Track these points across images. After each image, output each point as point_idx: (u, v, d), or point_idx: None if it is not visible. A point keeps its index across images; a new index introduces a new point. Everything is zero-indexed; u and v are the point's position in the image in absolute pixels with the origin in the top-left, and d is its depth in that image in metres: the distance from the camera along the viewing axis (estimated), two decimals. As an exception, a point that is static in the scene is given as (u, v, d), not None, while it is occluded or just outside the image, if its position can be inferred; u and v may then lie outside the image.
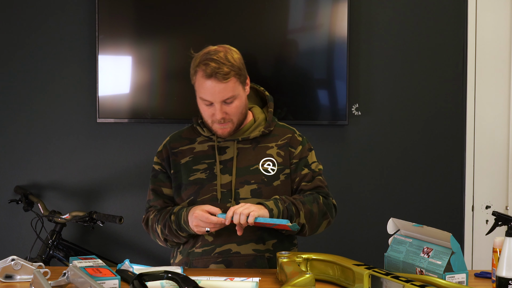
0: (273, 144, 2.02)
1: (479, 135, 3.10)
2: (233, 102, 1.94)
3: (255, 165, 1.99)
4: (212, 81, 1.88)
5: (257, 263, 1.95)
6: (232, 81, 1.91)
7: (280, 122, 2.11)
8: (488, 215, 3.11)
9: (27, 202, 2.87)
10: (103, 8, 2.91)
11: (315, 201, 1.96)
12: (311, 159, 2.06)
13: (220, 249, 1.95)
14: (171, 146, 2.05)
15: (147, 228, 2.06)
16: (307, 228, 1.95)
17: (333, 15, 2.97)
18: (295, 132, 2.09)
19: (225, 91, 1.90)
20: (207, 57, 1.90)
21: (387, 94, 3.08)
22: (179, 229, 1.92)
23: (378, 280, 1.55)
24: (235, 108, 1.95)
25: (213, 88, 1.89)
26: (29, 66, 3.01)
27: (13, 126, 3.03)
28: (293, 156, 2.02)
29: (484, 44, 3.08)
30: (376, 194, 3.10)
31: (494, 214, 1.82)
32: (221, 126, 1.96)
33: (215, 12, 2.95)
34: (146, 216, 2.06)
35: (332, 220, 2.04)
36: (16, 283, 1.68)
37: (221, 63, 1.88)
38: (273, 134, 2.04)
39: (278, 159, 2.00)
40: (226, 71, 1.88)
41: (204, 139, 2.04)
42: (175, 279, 1.50)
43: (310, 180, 2.01)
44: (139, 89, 2.96)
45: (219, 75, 1.87)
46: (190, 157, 2.02)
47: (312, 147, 2.09)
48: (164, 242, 2.03)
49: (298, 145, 2.04)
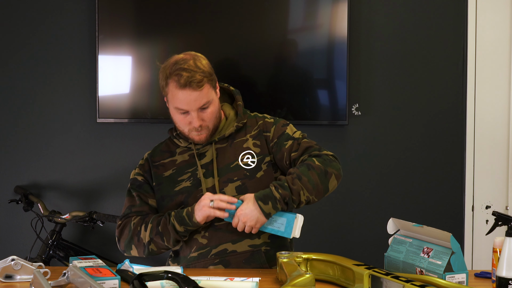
0: (248, 136, 2.03)
1: (479, 135, 3.10)
2: (209, 107, 1.94)
3: (234, 161, 1.99)
4: (187, 91, 1.89)
5: (255, 258, 1.95)
6: (206, 88, 1.92)
7: (252, 113, 2.10)
8: (488, 215, 3.11)
9: (27, 202, 2.87)
10: (103, 8, 2.91)
11: (310, 167, 1.90)
12: (291, 131, 2.04)
13: (215, 250, 1.94)
14: (152, 160, 2.06)
15: (123, 233, 1.98)
16: (315, 197, 1.90)
17: (333, 15, 2.97)
18: (266, 117, 2.08)
19: (200, 98, 1.91)
20: (177, 67, 1.90)
21: (387, 94, 3.08)
22: (179, 221, 1.90)
23: (378, 280, 1.55)
24: (210, 114, 1.95)
25: (188, 97, 1.89)
26: (29, 66, 3.01)
27: (13, 126, 3.03)
28: (270, 139, 2.02)
29: (484, 44, 3.08)
30: (376, 194, 3.10)
31: (494, 214, 1.82)
32: (198, 133, 1.97)
33: (215, 12, 2.95)
34: (124, 222, 2.00)
35: (338, 172, 1.95)
36: (16, 283, 1.68)
37: (193, 71, 1.89)
38: (246, 127, 2.05)
39: (255, 150, 2.00)
40: (199, 79, 1.89)
41: (183, 150, 2.05)
42: (175, 279, 1.50)
43: (297, 148, 1.99)
44: (139, 89, 2.96)
45: (193, 83, 1.88)
46: (173, 169, 2.02)
47: (288, 122, 2.07)
48: (145, 246, 1.95)
49: (271, 127, 2.04)
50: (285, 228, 1.85)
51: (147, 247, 1.95)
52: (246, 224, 1.85)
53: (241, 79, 2.98)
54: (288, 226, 1.85)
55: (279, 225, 1.87)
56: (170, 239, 1.93)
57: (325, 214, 3.09)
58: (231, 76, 2.96)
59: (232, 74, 2.98)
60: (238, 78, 2.97)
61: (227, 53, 2.98)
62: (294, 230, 1.85)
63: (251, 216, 1.85)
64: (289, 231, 1.85)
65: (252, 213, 1.85)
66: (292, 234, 1.85)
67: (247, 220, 1.85)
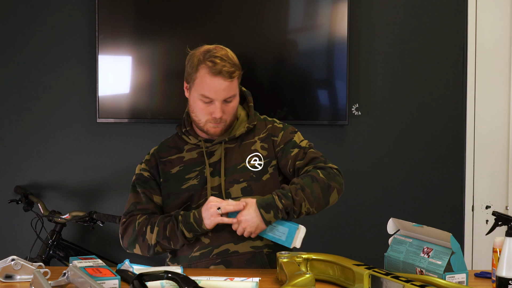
0: (256, 139, 2.02)
1: (479, 135, 3.10)
2: (232, 101, 1.95)
3: (242, 163, 1.99)
4: (219, 79, 1.89)
5: (257, 260, 1.95)
6: (235, 81, 1.93)
7: (261, 116, 2.10)
8: (488, 215, 3.11)
9: (27, 202, 2.87)
10: (103, 8, 2.91)
11: (314, 179, 1.90)
12: (298, 139, 2.04)
13: (217, 250, 1.94)
14: (160, 156, 2.04)
15: (127, 231, 1.97)
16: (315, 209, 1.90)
17: (333, 15, 2.97)
18: (275, 121, 2.08)
19: (229, 90, 1.91)
20: (211, 54, 1.90)
21: (387, 94, 3.09)
22: (188, 228, 1.89)
23: (378, 280, 1.55)
24: (232, 108, 1.96)
25: (219, 85, 1.89)
26: (29, 66, 3.01)
27: (13, 126, 3.03)
28: (277, 144, 2.02)
29: (484, 44, 3.08)
30: (376, 194, 3.10)
31: (494, 214, 1.82)
32: (215, 125, 1.96)
33: (215, 12, 2.95)
34: (129, 220, 1.98)
35: (340, 186, 1.96)
36: (16, 283, 1.68)
37: (226, 62, 1.90)
38: (255, 129, 2.04)
39: (263, 153, 2.00)
40: (232, 70, 1.90)
41: (191, 147, 2.03)
42: (175, 279, 1.50)
43: (303, 157, 1.99)
44: (139, 89, 2.96)
45: (226, 73, 1.88)
46: (180, 167, 2.01)
47: (296, 130, 2.07)
48: (150, 247, 1.95)
49: (279, 132, 2.04)
50: (286, 238, 1.86)
51: (153, 248, 1.95)
52: (246, 229, 1.86)
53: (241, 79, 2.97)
54: (290, 236, 1.86)
55: (281, 234, 1.87)
56: (178, 244, 1.93)
57: (325, 214, 3.08)
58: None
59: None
60: (238, 78, 2.97)
61: (227, 53, 2.97)
62: (295, 240, 1.85)
63: (252, 222, 1.85)
64: (290, 241, 1.86)
65: (252, 220, 1.85)
66: (292, 244, 1.86)
67: (247, 226, 1.86)
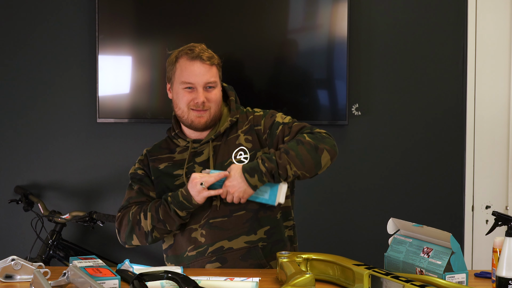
0: (239, 132, 2.04)
1: (479, 135, 3.10)
2: (215, 89, 2.00)
3: (228, 159, 2.00)
4: (197, 63, 1.96)
5: (252, 254, 1.96)
6: (215, 68, 2.00)
7: (244, 108, 2.11)
8: (488, 215, 3.11)
9: (27, 202, 2.87)
10: (103, 8, 2.91)
11: (299, 142, 1.92)
12: (281, 118, 2.05)
13: (212, 248, 1.96)
14: (150, 154, 2.10)
15: (122, 224, 2.01)
16: (305, 172, 1.91)
17: (333, 15, 2.97)
18: (255, 111, 2.10)
19: (209, 74, 1.97)
20: (188, 46, 2.00)
21: (387, 94, 3.08)
22: (179, 207, 1.91)
23: (378, 280, 1.55)
24: (214, 95, 2.00)
25: (198, 69, 1.96)
26: (29, 66, 3.01)
27: (13, 126, 3.03)
28: (262, 132, 2.03)
29: (484, 44, 3.08)
30: (376, 194, 3.10)
31: (494, 214, 1.82)
32: (199, 114, 1.98)
33: (215, 12, 2.95)
34: (123, 213, 2.03)
35: (330, 147, 1.97)
36: (16, 283, 1.68)
37: (205, 50, 2.00)
38: (237, 122, 2.06)
39: (247, 145, 2.01)
40: (210, 55, 1.99)
41: (182, 149, 2.07)
42: (175, 279, 1.50)
43: (289, 132, 2.01)
44: (139, 89, 2.96)
45: (204, 57, 1.97)
46: (169, 163, 2.05)
47: (276, 112, 2.09)
48: (147, 235, 1.98)
49: (261, 120, 2.05)
50: (269, 196, 1.92)
51: (150, 234, 1.98)
52: (234, 195, 1.90)
53: (241, 79, 2.98)
54: (272, 194, 1.91)
55: (263, 193, 1.92)
56: (174, 225, 1.95)
57: (325, 214, 3.09)
58: (231, 76, 2.95)
59: (232, 74, 2.97)
60: (238, 78, 2.97)
61: (227, 53, 2.96)
62: (278, 196, 1.91)
63: (238, 188, 1.89)
64: (273, 198, 1.91)
65: (239, 185, 1.89)
66: (276, 201, 1.91)
67: (235, 191, 1.89)
